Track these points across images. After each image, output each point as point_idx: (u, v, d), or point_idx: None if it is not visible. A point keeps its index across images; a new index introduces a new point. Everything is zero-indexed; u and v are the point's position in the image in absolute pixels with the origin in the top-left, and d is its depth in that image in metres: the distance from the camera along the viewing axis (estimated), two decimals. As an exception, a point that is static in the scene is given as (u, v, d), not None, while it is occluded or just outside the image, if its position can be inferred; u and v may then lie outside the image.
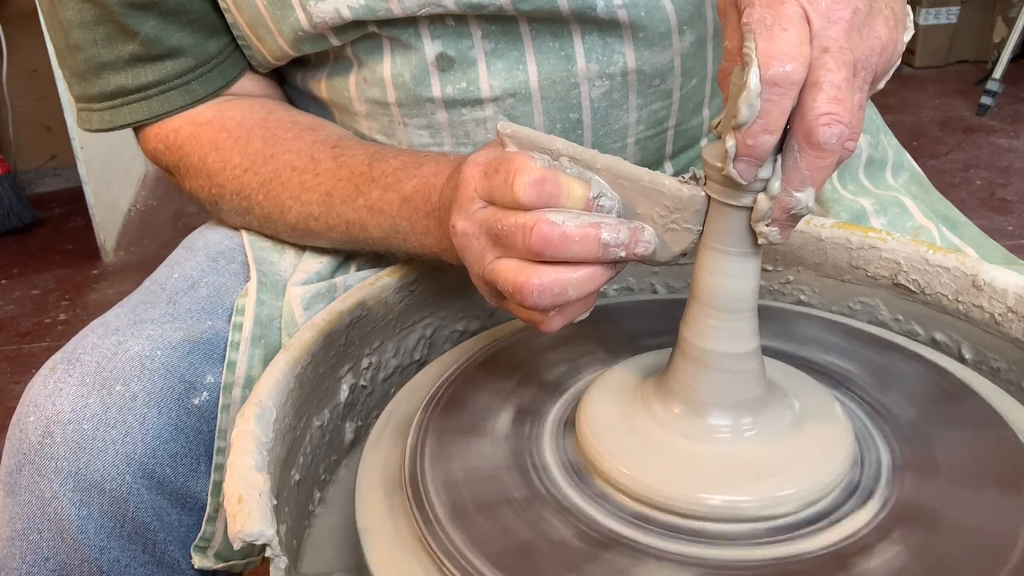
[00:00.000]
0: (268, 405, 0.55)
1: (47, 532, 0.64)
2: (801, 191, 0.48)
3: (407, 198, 0.66)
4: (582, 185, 0.53)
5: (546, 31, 0.71)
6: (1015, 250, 0.88)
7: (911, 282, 0.71)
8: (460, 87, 0.74)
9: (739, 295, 0.53)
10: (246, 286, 0.72)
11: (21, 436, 0.65)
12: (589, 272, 0.53)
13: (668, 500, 0.51)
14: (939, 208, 0.85)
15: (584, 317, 0.57)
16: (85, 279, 2.37)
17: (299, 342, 0.61)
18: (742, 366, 0.54)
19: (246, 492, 0.48)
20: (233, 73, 0.79)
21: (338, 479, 0.66)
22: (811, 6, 0.46)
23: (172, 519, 0.67)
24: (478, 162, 0.56)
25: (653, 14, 0.71)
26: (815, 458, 0.53)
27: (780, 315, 0.72)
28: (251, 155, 0.75)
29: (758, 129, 0.46)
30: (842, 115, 0.45)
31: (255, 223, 0.77)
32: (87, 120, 0.79)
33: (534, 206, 0.53)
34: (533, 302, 0.53)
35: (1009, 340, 0.66)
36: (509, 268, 0.54)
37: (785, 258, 0.76)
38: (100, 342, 0.67)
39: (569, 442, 0.57)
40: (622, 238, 0.52)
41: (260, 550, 0.48)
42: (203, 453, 0.68)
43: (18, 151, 2.76)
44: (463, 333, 0.77)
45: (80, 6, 0.73)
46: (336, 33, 0.72)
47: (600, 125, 0.76)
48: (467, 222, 0.56)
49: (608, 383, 0.59)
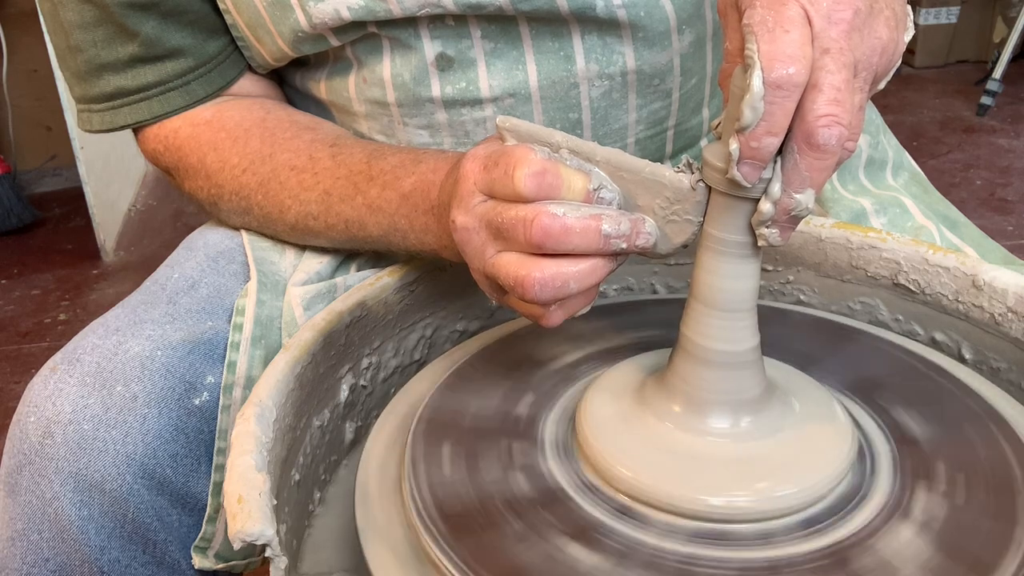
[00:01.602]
0: (268, 405, 0.55)
1: (47, 533, 0.64)
2: (801, 193, 0.48)
3: (406, 195, 0.66)
4: (583, 177, 0.53)
5: (545, 31, 0.71)
6: (1015, 250, 0.88)
7: (911, 282, 0.71)
8: (459, 87, 0.74)
9: (739, 295, 0.53)
10: (246, 286, 0.72)
11: (21, 436, 0.65)
12: (590, 265, 0.53)
13: (668, 500, 0.51)
14: (939, 208, 0.85)
15: (585, 311, 0.56)
16: (85, 279, 2.37)
17: (299, 342, 0.61)
18: (742, 364, 0.54)
19: (246, 492, 0.48)
20: (233, 73, 0.79)
21: (338, 479, 0.66)
22: (812, 7, 0.46)
23: (172, 519, 0.67)
24: (477, 156, 0.56)
25: (652, 14, 0.71)
26: (815, 458, 0.53)
27: (779, 316, 0.72)
28: (249, 155, 0.75)
29: (762, 132, 0.46)
30: (842, 116, 0.45)
31: (254, 223, 0.77)
32: (88, 121, 0.79)
33: (535, 198, 0.53)
34: (534, 295, 0.53)
35: (1009, 340, 0.66)
36: (510, 262, 0.54)
37: (785, 258, 0.76)
38: (100, 342, 0.67)
39: (569, 442, 0.57)
40: (623, 230, 0.52)
41: (260, 550, 0.48)
42: (203, 454, 0.68)
43: (18, 151, 2.76)
44: (463, 333, 0.77)
45: (80, 7, 0.73)
46: (336, 34, 0.72)
47: (600, 125, 0.76)
48: (467, 216, 0.56)
49: (608, 383, 0.59)
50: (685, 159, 0.53)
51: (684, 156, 0.53)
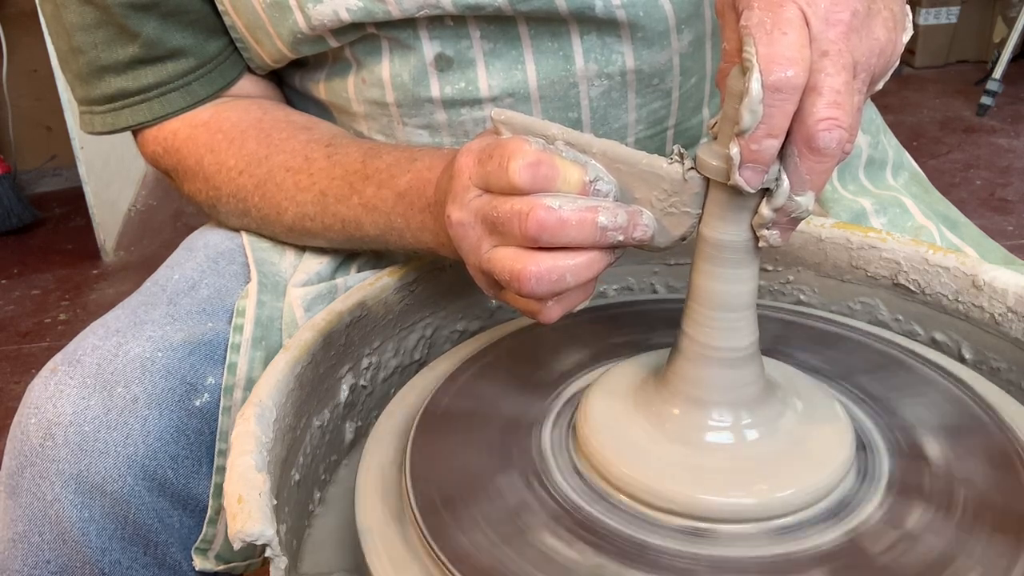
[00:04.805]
0: (268, 405, 0.55)
1: (48, 534, 0.64)
2: (801, 195, 0.48)
3: (402, 194, 0.66)
4: (578, 169, 0.52)
5: (544, 31, 0.71)
6: (1015, 250, 0.88)
7: (911, 282, 0.71)
8: (459, 87, 0.74)
9: (738, 297, 0.53)
10: (246, 287, 0.72)
11: (22, 438, 0.65)
12: (587, 258, 0.52)
13: (668, 500, 0.51)
14: (939, 208, 0.85)
15: (584, 306, 0.56)
16: (85, 279, 2.37)
17: (299, 342, 0.61)
18: (741, 361, 0.54)
19: (246, 492, 0.48)
20: (233, 74, 0.79)
21: (338, 479, 0.66)
22: (810, 8, 0.46)
23: (173, 521, 0.67)
24: (472, 150, 0.56)
25: (651, 14, 0.71)
26: (815, 458, 0.53)
27: (778, 318, 0.72)
28: (246, 156, 0.75)
29: (762, 134, 0.46)
30: (842, 120, 0.45)
31: (253, 224, 0.77)
32: (89, 123, 0.79)
33: (530, 190, 0.52)
34: (531, 290, 0.52)
35: (1009, 340, 0.66)
36: (506, 256, 0.53)
37: (785, 258, 0.76)
38: (101, 343, 0.67)
39: (569, 442, 0.57)
40: (620, 222, 0.52)
41: (260, 550, 0.48)
42: (204, 455, 0.68)
43: (18, 151, 2.76)
44: (463, 333, 0.77)
45: (82, 9, 0.73)
46: (334, 35, 0.72)
47: (599, 125, 0.76)
48: (462, 211, 0.55)
49: (608, 383, 0.59)
50: (676, 149, 0.52)
51: (675, 146, 0.52)
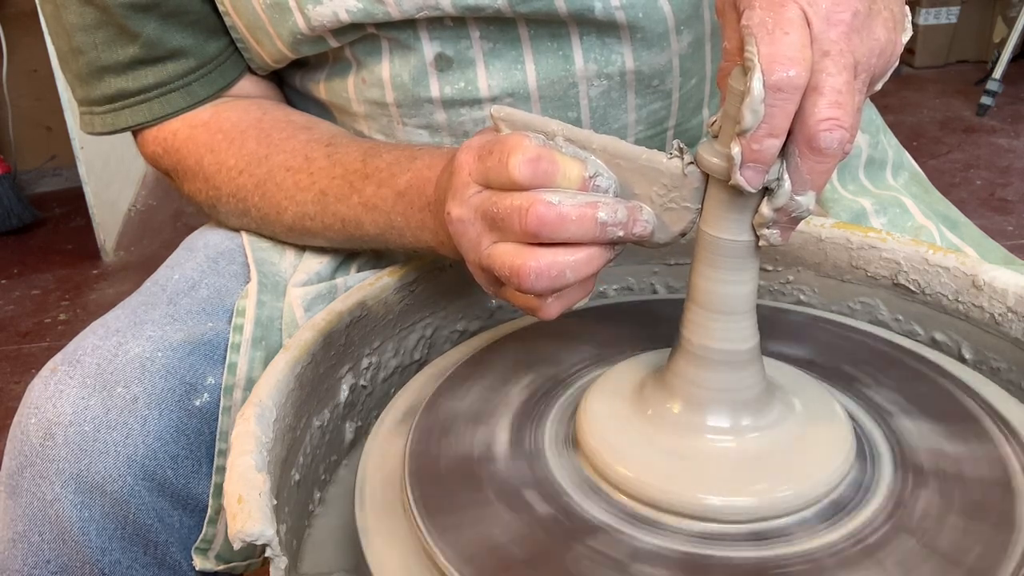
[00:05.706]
0: (268, 405, 0.55)
1: (48, 534, 0.64)
2: (802, 194, 0.48)
3: (401, 193, 0.66)
4: (578, 164, 0.53)
5: (544, 32, 0.71)
6: (1015, 250, 0.88)
7: (911, 282, 0.71)
8: (458, 87, 0.74)
9: (739, 300, 0.53)
10: (246, 287, 0.72)
11: (22, 438, 0.65)
12: (587, 254, 0.52)
13: (668, 500, 0.51)
14: (939, 208, 0.85)
15: (583, 303, 0.56)
16: (85, 279, 2.37)
17: (299, 342, 0.61)
18: (742, 363, 0.54)
19: (246, 492, 0.48)
20: (234, 74, 0.79)
21: (338, 479, 0.66)
22: (811, 8, 0.46)
23: (173, 521, 0.67)
24: (472, 147, 0.56)
25: (651, 15, 0.71)
26: (815, 458, 0.53)
27: (778, 317, 0.72)
28: (246, 156, 0.75)
29: (763, 134, 0.46)
30: (843, 119, 0.45)
31: (253, 224, 0.77)
32: (89, 124, 0.79)
33: (530, 185, 0.52)
34: (531, 286, 0.52)
35: (1009, 340, 0.66)
36: (506, 252, 0.53)
37: (785, 258, 0.76)
38: (101, 343, 0.67)
39: (569, 442, 0.57)
40: (620, 217, 0.52)
41: (260, 550, 0.48)
42: (204, 455, 0.68)
43: (18, 151, 2.76)
44: (463, 333, 0.77)
45: (82, 9, 0.73)
46: (334, 35, 0.72)
47: (599, 125, 0.76)
48: (462, 208, 0.55)
49: (608, 383, 0.59)
50: (676, 144, 0.52)
51: (675, 141, 0.52)
